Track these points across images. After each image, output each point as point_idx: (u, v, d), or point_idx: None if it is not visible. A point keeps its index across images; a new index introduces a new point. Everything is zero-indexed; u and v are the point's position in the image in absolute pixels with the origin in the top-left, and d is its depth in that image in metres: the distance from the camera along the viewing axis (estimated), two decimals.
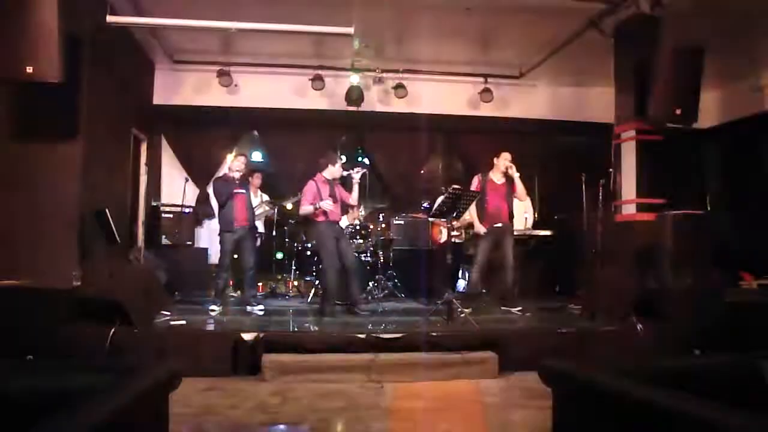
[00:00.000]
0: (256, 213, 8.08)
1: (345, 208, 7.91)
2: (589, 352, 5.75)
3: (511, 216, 7.52)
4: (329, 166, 7.36)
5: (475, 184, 7.54)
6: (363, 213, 8.65)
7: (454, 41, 8.73)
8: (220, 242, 7.30)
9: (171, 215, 9.21)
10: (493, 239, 7.39)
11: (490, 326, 6.47)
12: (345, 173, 7.44)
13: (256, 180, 8.97)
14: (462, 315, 6.59)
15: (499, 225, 7.37)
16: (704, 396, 1.73)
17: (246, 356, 5.52)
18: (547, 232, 9.01)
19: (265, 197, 9.10)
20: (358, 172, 7.37)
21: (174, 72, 9.89)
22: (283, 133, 10.43)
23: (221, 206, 7.21)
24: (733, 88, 9.96)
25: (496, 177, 7.49)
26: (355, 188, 7.39)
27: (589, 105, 10.10)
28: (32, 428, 1.41)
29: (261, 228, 8.80)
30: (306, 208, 7.12)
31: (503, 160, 7.45)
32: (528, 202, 9.50)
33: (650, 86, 6.89)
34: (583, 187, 8.20)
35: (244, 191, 7.31)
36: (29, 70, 5.09)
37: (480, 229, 7.41)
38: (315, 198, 7.10)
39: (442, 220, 7.70)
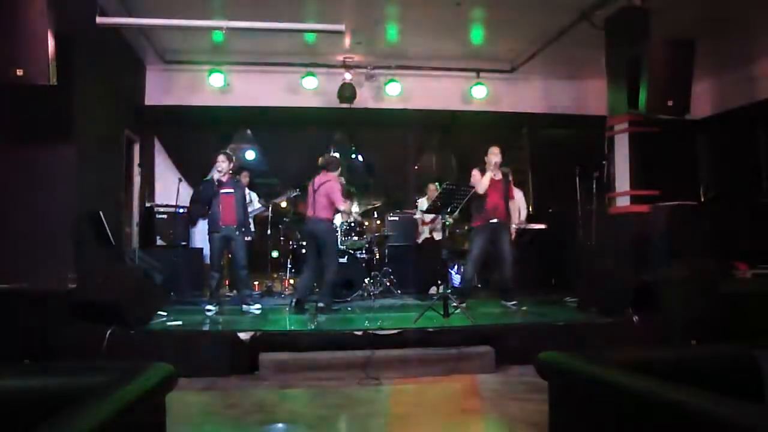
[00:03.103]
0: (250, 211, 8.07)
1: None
2: (585, 344, 5.76)
3: (508, 213, 7.41)
4: (339, 168, 7.50)
5: (476, 177, 7.40)
6: (357, 210, 8.67)
7: (445, 36, 8.72)
8: (209, 242, 7.34)
9: (165, 216, 9.19)
10: (489, 235, 7.32)
11: (486, 321, 6.48)
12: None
13: (244, 179, 8.92)
14: (458, 310, 6.60)
15: (495, 221, 7.28)
16: (700, 386, 1.73)
17: (243, 355, 5.51)
18: (542, 226, 9.02)
19: (254, 195, 9.07)
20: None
21: (166, 72, 9.87)
22: (276, 131, 10.42)
23: (207, 206, 7.26)
24: (725, 79, 9.98)
25: (495, 173, 7.38)
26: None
27: (581, 98, 10.12)
28: None
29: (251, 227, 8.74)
30: (347, 206, 7.36)
31: (495, 156, 7.34)
32: (521, 195, 9.52)
33: (642, 78, 6.90)
34: (577, 179, 8.21)
35: (231, 191, 7.26)
36: (19, 72, 5.07)
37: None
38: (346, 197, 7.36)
39: (434, 215, 7.75)
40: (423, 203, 9.22)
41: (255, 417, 4.37)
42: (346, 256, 8.32)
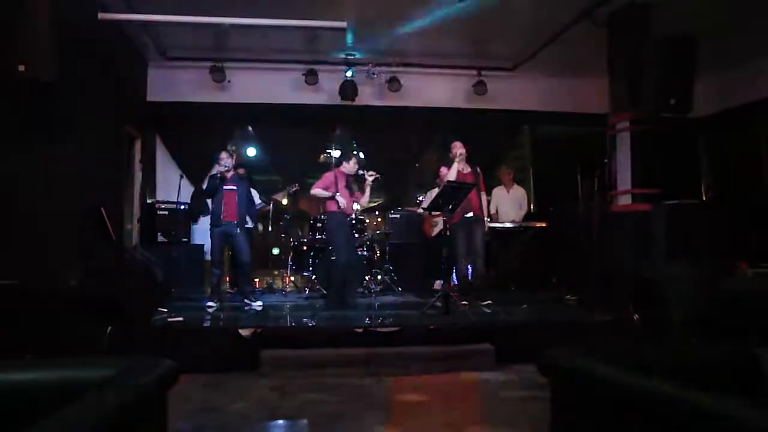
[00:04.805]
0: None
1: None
2: (586, 342, 5.77)
3: (480, 206, 7.46)
4: (344, 162, 7.57)
5: (443, 173, 7.53)
6: (358, 207, 8.68)
7: (446, 34, 8.70)
8: (210, 237, 7.38)
9: (166, 212, 9.20)
10: (466, 230, 7.36)
11: (487, 318, 6.50)
12: (360, 172, 7.51)
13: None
14: (459, 308, 6.62)
15: (470, 215, 7.32)
16: (701, 385, 1.73)
17: (244, 352, 5.53)
18: (543, 224, 9.02)
19: (253, 192, 9.07)
20: (372, 175, 7.51)
21: (167, 69, 9.86)
22: (276, 128, 10.41)
23: (211, 200, 7.31)
24: (727, 77, 9.96)
25: (461, 166, 7.41)
26: (367, 190, 7.57)
27: (583, 96, 10.09)
28: (32, 427, 1.41)
29: (250, 224, 8.73)
30: (316, 191, 7.42)
31: (457, 149, 7.37)
32: (523, 193, 9.52)
33: (644, 76, 6.89)
34: (579, 177, 8.20)
35: (234, 187, 7.28)
36: (21, 68, 5.06)
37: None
38: (330, 185, 7.34)
39: (436, 213, 7.76)
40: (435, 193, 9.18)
41: (256, 413, 4.38)
42: None
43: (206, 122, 9.93)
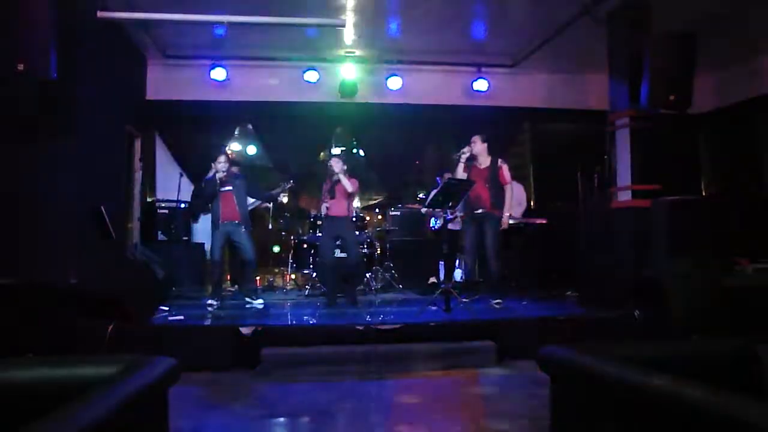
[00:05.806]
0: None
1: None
2: (586, 338, 5.77)
3: (493, 203, 7.23)
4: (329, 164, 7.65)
5: (461, 169, 7.44)
6: (359, 205, 8.67)
7: (446, 30, 8.70)
8: (211, 236, 7.39)
9: (166, 211, 9.20)
10: (476, 226, 7.26)
11: (488, 315, 6.49)
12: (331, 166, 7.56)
13: None
14: (460, 304, 6.62)
15: (480, 211, 7.22)
16: (702, 382, 1.73)
17: (245, 350, 5.53)
18: (543, 220, 9.02)
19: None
20: (331, 165, 7.53)
21: (167, 67, 9.84)
22: (276, 126, 10.40)
23: (209, 203, 7.38)
24: (727, 73, 9.96)
25: (479, 161, 7.37)
26: (341, 178, 7.40)
27: (583, 92, 10.09)
28: (32, 425, 1.41)
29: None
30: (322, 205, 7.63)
31: (472, 145, 7.30)
32: (521, 189, 9.51)
33: (644, 73, 6.89)
34: (579, 174, 8.20)
35: (230, 188, 7.28)
36: (21, 67, 5.06)
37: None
38: (325, 194, 7.53)
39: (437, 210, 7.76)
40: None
41: (257, 411, 4.39)
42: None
43: (206, 120, 9.92)
